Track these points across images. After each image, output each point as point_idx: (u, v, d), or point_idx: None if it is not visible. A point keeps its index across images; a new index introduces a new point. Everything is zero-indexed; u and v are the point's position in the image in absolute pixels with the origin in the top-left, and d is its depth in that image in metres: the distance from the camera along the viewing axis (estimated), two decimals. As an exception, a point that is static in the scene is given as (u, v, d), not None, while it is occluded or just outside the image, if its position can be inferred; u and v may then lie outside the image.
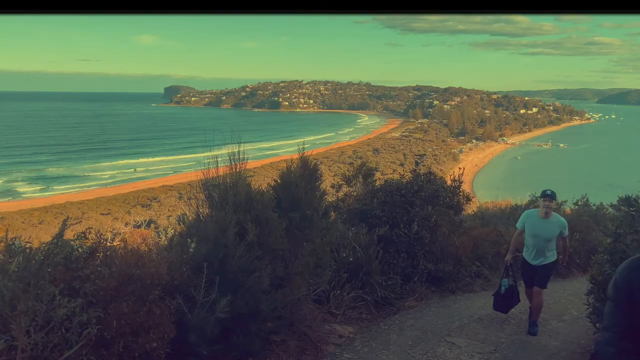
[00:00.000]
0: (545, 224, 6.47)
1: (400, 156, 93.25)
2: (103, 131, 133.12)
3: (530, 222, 6.61)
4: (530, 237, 6.61)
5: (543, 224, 6.47)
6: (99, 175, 76.91)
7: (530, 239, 6.61)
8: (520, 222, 6.80)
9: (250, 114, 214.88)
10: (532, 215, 6.67)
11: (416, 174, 9.96)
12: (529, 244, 6.66)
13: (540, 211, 6.48)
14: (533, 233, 6.55)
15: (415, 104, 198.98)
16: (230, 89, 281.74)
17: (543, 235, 6.46)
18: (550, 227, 6.45)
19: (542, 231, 6.46)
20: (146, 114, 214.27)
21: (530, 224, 6.59)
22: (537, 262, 6.60)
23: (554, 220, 6.50)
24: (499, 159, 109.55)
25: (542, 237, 6.47)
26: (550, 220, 6.47)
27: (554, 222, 6.48)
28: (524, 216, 6.81)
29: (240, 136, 5.86)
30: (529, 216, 6.70)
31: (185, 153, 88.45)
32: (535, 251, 6.58)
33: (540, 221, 6.50)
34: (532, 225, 6.57)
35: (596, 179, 75.54)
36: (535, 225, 6.52)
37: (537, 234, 6.50)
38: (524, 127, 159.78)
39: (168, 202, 54.91)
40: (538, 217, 6.53)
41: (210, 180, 5.41)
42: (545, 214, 6.42)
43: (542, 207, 6.46)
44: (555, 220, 6.51)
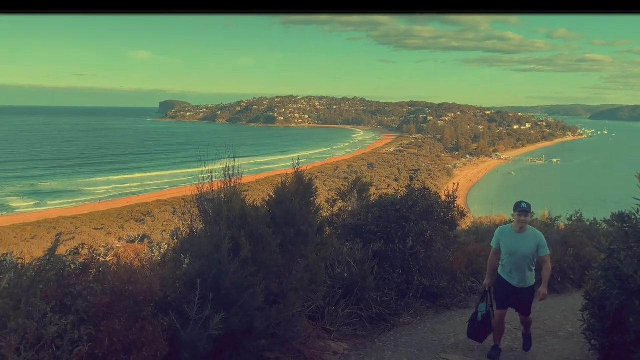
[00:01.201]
0: (522, 239, 6.00)
1: (395, 171, 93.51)
2: (97, 146, 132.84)
3: (505, 239, 6.12)
4: (507, 255, 6.12)
5: (519, 240, 6.01)
6: (92, 190, 76.60)
7: (507, 257, 6.12)
8: (494, 240, 6.27)
9: (245, 129, 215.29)
10: (506, 231, 6.18)
11: (411, 189, 9.97)
12: (505, 263, 6.16)
13: (515, 225, 6.04)
14: (509, 250, 6.07)
15: (409, 119, 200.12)
16: (226, 104, 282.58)
17: (520, 252, 5.99)
18: (526, 242, 5.99)
19: (519, 247, 6.00)
20: (141, 128, 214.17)
21: (505, 241, 6.11)
22: (518, 284, 6.11)
23: (530, 234, 6.03)
24: (493, 174, 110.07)
25: (519, 253, 6.00)
26: (526, 235, 6.01)
27: (530, 235, 6.02)
28: (497, 234, 6.27)
29: (235, 151, 5.87)
30: (503, 233, 6.20)
31: (180, 168, 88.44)
32: (514, 271, 6.10)
33: (516, 237, 6.03)
34: (508, 242, 6.09)
35: (589, 194, 75.92)
36: (511, 241, 6.06)
37: (514, 250, 6.03)
38: (517, 142, 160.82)
39: (162, 216, 54.66)
40: (513, 233, 6.07)
41: (204, 195, 5.40)
42: (520, 228, 5.98)
43: (516, 221, 6.00)
44: (532, 234, 6.04)
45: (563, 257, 10.91)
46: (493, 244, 6.26)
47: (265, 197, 5.93)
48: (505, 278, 6.17)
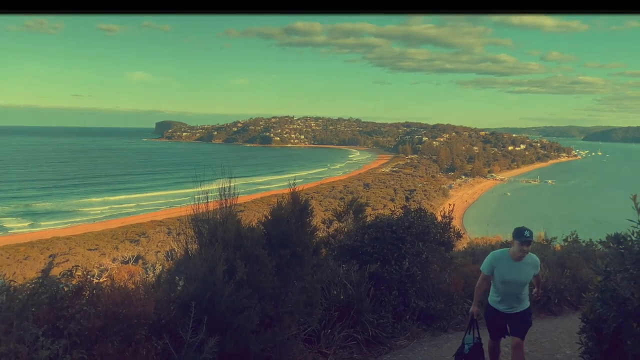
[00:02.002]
0: (519, 266, 5.44)
1: (391, 191, 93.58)
2: (93, 166, 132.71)
3: (500, 267, 5.50)
4: (500, 284, 5.56)
5: (517, 267, 5.44)
6: (87, 210, 76.25)
7: (501, 286, 5.56)
8: (487, 266, 5.63)
9: (241, 149, 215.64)
10: (502, 258, 5.53)
11: (407, 209, 9.97)
12: (499, 291, 5.62)
13: (514, 254, 5.40)
14: (504, 279, 5.49)
15: (404, 139, 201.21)
16: (222, 124, 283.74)
17: (517, 280, 5.48)
18: (525, 270, 5.47)
19: (516, 276, 5.46)
20: (137, 148, 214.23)
21: (500, 269, 5.50)
22: (511, 310, 5.60)
23: (529, 261, 5.48)
24: (488, 194, 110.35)
25: (516, 282, 5.48)
26: (525, 262, 5.44)
27: (528, 262, 5.47)
28: (491, 260, 5.60)
29: (231, 171, 5.86)
30: (498, 260, 5.54)
31: (176, 188, 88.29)
32: (507, 298, 5.58)
33: (513, 265, 5.44)
34: (504, 270, 5.49)
35: (585, 215, 76.10)
36: (507, 269, 5.47)
37: (510, 279, 5.47)
38: (512, 163, 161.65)
39: (157, 237, 54.31)
40: (510, 260, 5.46)
41: (199, 215, 5.38)
42: (519, 257, 5.39)
43: (517, 250, 5.35)
44: (530, 262, 5.50)
45: (559, 279, 10.88)
46: (484, 270, 5.67)
47: (261, 217, 5.91)
48: (494, 306, 5.71)
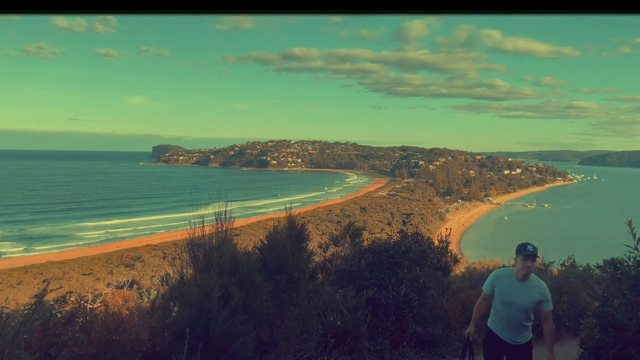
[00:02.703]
0: (522, 288, 5.02)
1: (388, 215, 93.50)
2: (89, 190, 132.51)
3: (502, 285, 5.13)
4: (501, 304, 5.16)
5: (520, 289, 5.03)
6: (83, 234, 75.76)
7: (502, 307, 5.16)
8: (488, 284, 5.28)
9: (238, 173, 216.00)
10: (504, 276, 5.17)
11: (404, 234, 9.96)
12: (499, 312, 5.21)
13: (518, 272, 5.01)
14: (506, 299, 5.10)
15: (401, 163, 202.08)
16: (219, 148, 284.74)
17: (519, 303, 5.03)
18: (528, 293, 5.02)
19: (518, 297, 5.03)
20: (133, 172, 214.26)
21: (502, 287, 5.13)
22: (513, 339, 5.16)
23: (534, 283, 5.05)
24: (485, 218, 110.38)
25: (517, 305, 5.04)
26: (529, 284, 5.03)
27: (533, 286, 5.03)
28: (493, 277, 5.26)
29: (227, 195, 5.86)
30: (500, 278, 5.19)
31: (172, 212, 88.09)
32: (507, 324, 5.16)
33: (516, 284, 5.04)
34: (505, 290, 5.11)
35: (581, 239, 76.14)
36: (510, 289, 5.08)
37: (512, 300, 5.06)
38: (508, 187, 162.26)
39: (152, 262, 53.92)
40: (513, 279, 5.07)
41: (195, 239, 5.36)
42: (523, 275, 4.98)
43: (521, 267, 4.96)
44: (535, 284, 5.05)
45: (558, 304, 10.79)
46: (485, 289, 5.31)
47: (257, 241, 5.89)
48: (495, 332, 5.29)
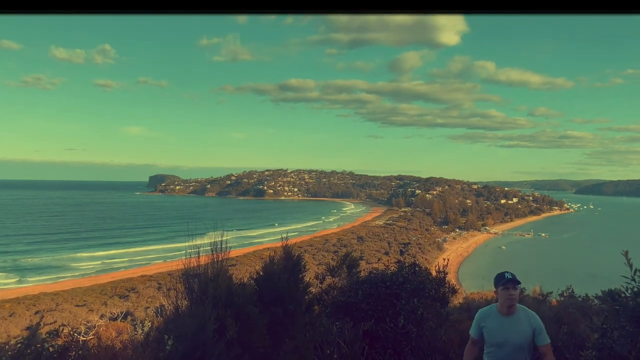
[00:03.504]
0: (512, 323, 4.42)
1: (385, 244, 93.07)
2: (85, 220, 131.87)
3: (489, 325, 4.51)
4: (493, 347, 4.52)
5: (509, 325, 4.42)
6: (77, 265, 74.98)
7: (495, 350, 4.51)
8: (474, 327, 4.64)
9: (234, 202, 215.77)
10: (489, 314, 4.55)
11: (401, 264, 9.90)
12: (493, 356, 4.54)
13: (502, 306, 4.45)
14: (497, 341, 4.47)
15: (398, 192, 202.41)
16: (216, 178, 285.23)
17: (512, 342, 4.40)
18: (519, 328, 4.39)
19: (509, 336, 4.41)
20: (129, 202, 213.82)
21: (489, 328, 4.50)
22: None
23: (522, 316, 4.44)
24: (483, 248, 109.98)
25: (511, 344, 4.40)
26: (518, 317, 4.43)
27: (522, 319, 4.42)
28: (478, 318, 4.62)
29: (224, 224, 5.84)
30: (485, 317, 4.56)
31: (168, 242, 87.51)
32: None
33: (504, 321, 4.44)
34: (493, 330, 4.48)
35: (580, 268, 75.80)
36: (498, 328, 4.45)
37: (503, 341, 4.43)
38: (505, 216, 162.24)
39: (147, 292, 53.28)
40: (499, 316, 4.47)
41: (190, 270, 5.32)
42: (508, 307, 4.41)
43: (504, 299, 4.41)
44: (525, 317, 4.44)
45: (557, 335, 10.67)
46: (472, 333, 4.69)
47: (253, 272, 5.85)
48: None
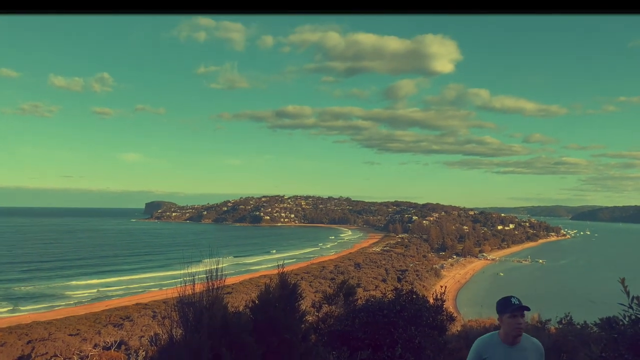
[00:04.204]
0: (517, 353, 3.93)
1: (382, 271, 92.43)
2: (80, 247, 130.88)
3: (493, 356, 3.96)
4: None
5: (515, 355, 3.93)
6: (71, 293, 74.07)
7: None
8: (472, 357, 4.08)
9: (231, 229, 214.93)
10: (492, 343, 4.01)
11: (398, 292, 9.83)
12: None
13: (507, 335, 3.95)
14: None
15: (395, 218, 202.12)
16: (212, 204, 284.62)
17: None
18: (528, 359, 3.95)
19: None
20: (125, 229, 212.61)
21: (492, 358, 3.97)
22: None
23: (528, 344, 3.99)
24: (480, 275, 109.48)
25: None
26: (524, 346, 3.95)
27: (528, 348, 3.96)
28: (479, 349, 4.05)
29: (220, 251, 5.82)
30: (487, 347, 4.01)
31: (164, 270, 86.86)
32: None
33: (510, 351, 3.93)
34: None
35: (578, 295, 75.38)
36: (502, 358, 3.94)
37: None
38: (502, 243, 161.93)
39: (141, 321, 52.50)
40: (503, 345, 3.96)
41: (185, 298, 5.27)
42: (514, 338, 3.92)
43: (510, 327, 3.92)
44: (530, 345, 4.00)
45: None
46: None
47: (249, 300, 5.80)
48: None
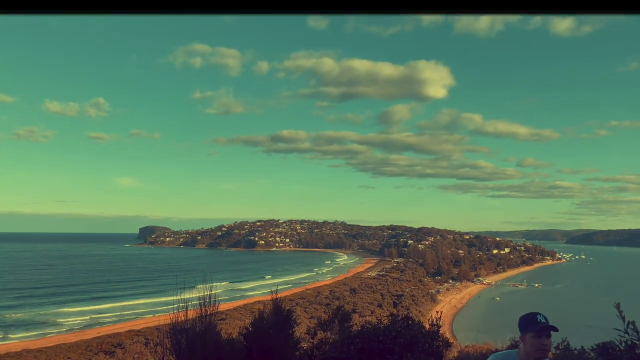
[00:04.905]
0: None
1: (378, 296, 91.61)
2: (73, 273, 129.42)
3: None
4: None
5: None
6: (63, 320, 72.87)
7: None
8: None
9: (225, 254, 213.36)
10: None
11: (394, 317, 9.74)
12: None
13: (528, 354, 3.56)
14: None
15: (390, 243, 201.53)
16: (206, 229, 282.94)
17: None
18: None
19: None
20: (119, 254, 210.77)
21: None
22: None
23: None
24: (477, 299, 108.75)
25: None
26: None
27: None
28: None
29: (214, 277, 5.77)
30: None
31: (157, 296, 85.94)
32: None
33: None
34: None
35: (574, 320, 74.79)
36: None
37: None
38: (498, 267, 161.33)
39: (134, 348, 51.61)
40: None
41: (178, 324, 5.21)
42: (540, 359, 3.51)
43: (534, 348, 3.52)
44: None
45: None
46: None
47: (242, 326, 5.74)
48: None
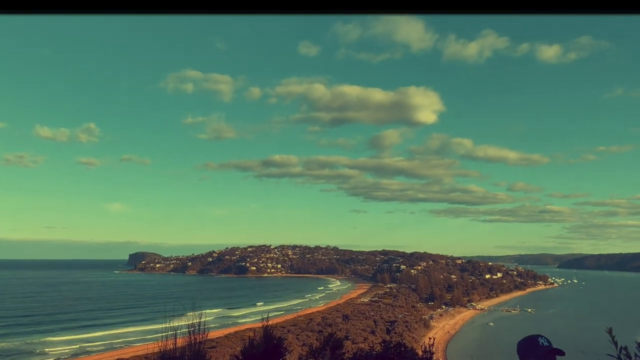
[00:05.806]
0: None
1: (371, 323, 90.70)
2: (60, 301, 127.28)
3: None
4: None
5: None
6: (49, 350, 71.29)
7: None
8: None
9: (216, 280, 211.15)
10: None
11: (386, 344, 9.63)
12: None
13: None
14: None
15: (382, 268, 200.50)
16: (197, 255, 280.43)
17: None
18: None
19: None
20: (108, 281, 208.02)
21: None
22: None
23: None
24: (470, 325, 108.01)
25: None
26: None
27: None
28: None
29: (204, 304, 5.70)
30: None
31: (146, 324, 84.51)
32: None
33: None
34: None
35: (567, 345, 74.34)
36: None
37: None
38: (490, 292, 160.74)
39: (122, 378, 50.55)
40: None
41: (167, 353, 5.13)
42: None
43: None
44: None
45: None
46: None
47: (232, 354, 5.65)
48: None
